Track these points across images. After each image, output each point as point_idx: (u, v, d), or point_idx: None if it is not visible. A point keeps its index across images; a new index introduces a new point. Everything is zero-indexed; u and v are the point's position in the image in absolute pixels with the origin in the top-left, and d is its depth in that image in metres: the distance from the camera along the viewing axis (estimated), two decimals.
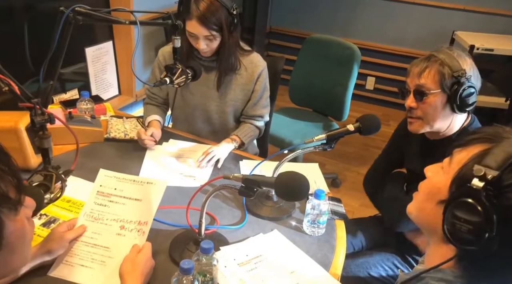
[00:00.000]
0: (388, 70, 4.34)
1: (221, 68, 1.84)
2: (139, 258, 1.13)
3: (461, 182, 0.78)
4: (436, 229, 0.83)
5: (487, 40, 3.65)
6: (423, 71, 1.40)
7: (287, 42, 4.65)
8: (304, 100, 3.03)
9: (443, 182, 0.83)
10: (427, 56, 1.42)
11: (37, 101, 1.00)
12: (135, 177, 1.26)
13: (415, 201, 0.93)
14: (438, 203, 0.83)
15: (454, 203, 0.76)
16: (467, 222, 0.73)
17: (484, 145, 0.80)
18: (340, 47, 2.80)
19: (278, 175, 1.06)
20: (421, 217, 0.89)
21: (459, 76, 1.35)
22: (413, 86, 1.44)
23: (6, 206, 0.68)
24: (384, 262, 1.62)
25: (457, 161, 0.83)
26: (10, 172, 0.71)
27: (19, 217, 0.72)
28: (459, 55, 1.39)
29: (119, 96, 2.72)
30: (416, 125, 1.49)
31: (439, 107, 1.41)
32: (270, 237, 1.39)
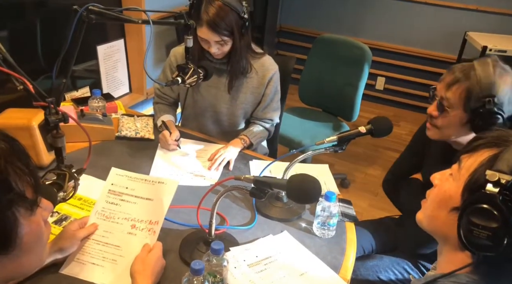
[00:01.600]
0: (399, 71, 4.31)
1: (232, 71, 1.83)
2: (150, 258, 1.13)
3: (474, 188, 0.78)
4: (450, 236, 0.82)
5: (500, 41, 3.62)
6: (453, 85, 1.33)
7: (297, 41, 4.64)
8: (313, 99, 3.02)
9: (454, 189, 0.83)
10: (468, 65, 1.33)
11: (51, 100, 1.01)
12: (146, 176, 1.27)
13: (425, 209, 0.92)
14: (451, 211, 0.82)
15: (470, 210, 0.75)
16: (485, 229, 0.72)
17: (492, 150, 0.80)
18: (351, 47, 2.79)
19: (290, 177, 1.06)
20: (434, 226, 0.89)
21: (486, 101, 1.27)
22: (439, 96, 1.38)
23: (23, 206, 0.69)
24: (394, 267, 1.60)
25: (466, 167, 0.82)
26: (29, 173, 0.71)
27: (35, 218, 0.73)
28: (501, 74, 1.28)
29: (130, 94, 2.73)
30: (433, 133, 1.45)
31: (457, 124, 1.36)
32: (280, 238, 1.39)
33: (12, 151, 0.71)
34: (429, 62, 4.22)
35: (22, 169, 0.70)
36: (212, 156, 1.74)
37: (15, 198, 0.68)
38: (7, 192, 0.67)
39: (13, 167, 0.69)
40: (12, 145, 0.72)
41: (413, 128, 4.29)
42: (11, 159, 0.70)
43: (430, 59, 4.20)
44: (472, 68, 1.31)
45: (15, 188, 0.68)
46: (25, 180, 0.70)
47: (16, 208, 0.68)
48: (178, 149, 1.80)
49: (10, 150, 0.71)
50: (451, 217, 0.81)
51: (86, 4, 1.44)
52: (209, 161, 1.73)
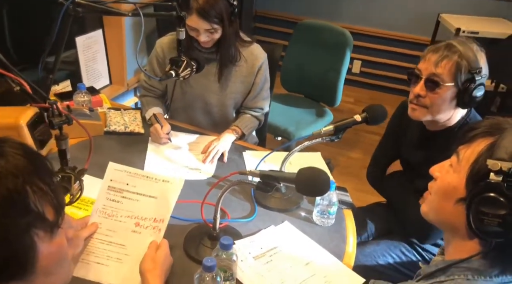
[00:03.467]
0: (374, 54, 4.35)
1: (222, 60, 1.81)
2: (159, 256, 1.12)
3: (477, 178, 0.80)
4: (458, 226, 0.84)
5: (472, 22, 3.70)
6: (441, 60, 1.38)
7: (273, 25, 4.61)
8: (295, 85, 3.03)
9: (456, 181, 0.85)
10: (446, 44, 1.40)
11: (53, 101, 0.97)
12: (148, 173, 1.24)
13: (430, 202, 0.94)
14: (457, 202, 0.84)
15: (477, 200, 0.77)
16: (495, 216, 0.75)
17: (487, 139, 0.82)
18: (332, 33, 2.80)
19: (298, 171, 1.06)
20: (441, 218, 0.90)
21: (475, 73, 1.35)
22: (427, 74, 1.42)
23: (42, 228, 0.66)
24: (391, 250, 1.64)
25: (466, 158, 0.84)
26: (50, 191, 0.68)
27: (56, 239, 0.69)
28: (478, 50, 1.38)
29: (110, 85, 2.66)
30: (419, 113, 1.49)
31: (447, 100, 1.42)
32: (281, 229, 1.40)
33: (32, 168, 0.67)
34: (404, 44, 4.28)
35: (42, 188, 0.66)
36: (205, 148, 1.73)
37: (33, 221, 0.64)
38: (25, 215, 0.63)
39: (32, 187, 0.65)
40: (32, 161, 0.68)
41: (390, 110, 4.28)
42: (30, 177, 0.65)
43: (405, 41, 4.27)
44: (453, 45, 1.39)
45: (34, 209, 0.64)
46: (46, 199, 0.66)
47: (34, 231, 0.65)
48: (170, 143, 1.78)
49: (29, 167, 0.66)
50: (458, 208, 0.83)
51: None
52: (202, 153, 1.72)
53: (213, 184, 1.56)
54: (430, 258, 1.64)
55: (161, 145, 1.76)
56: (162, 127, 1.75)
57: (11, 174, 0.63)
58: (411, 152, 1.67)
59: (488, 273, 0.80)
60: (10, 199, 0.62)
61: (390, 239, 1.70)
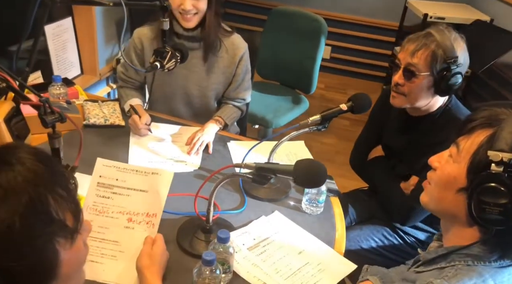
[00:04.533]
0: (344, 39, 4.39)
1: (205, 45, 1.79)
2: (156, 251, 1.12)
3: (478, 169, 0.82)
4: (458, 215, 0.87)
5: (438, 8, 3.79)
6: (417, 50, 1.42)
7: (242, 11, 4.56)
8: (271, 73, 3.02)
9: (456, 171, 0.87)
10: (425, 33, 1.44)
11: (46, 99, 0.93)
12: (137, 167, 1.22)
13: (429, 192, 0.96)
14: (457, 191, 0.87)
15: (479, 190, 0.80)
16: (497, 205, 0.78)
17: (487, 130, 0.85)
18: (306, 20, 2.80)
19: (296, 163, 1.07)
20: (441, 207, 0.93)
21: (450, 62, 1.39)
22: (405, 64, 1.46)
23: (63, 236, 0.64)
24: (374, 234, 1.69)
25: (466, 149, 0.87)
26: (69, 198, 0.66)
27: (75, 245, 0.67)
28: (455, 38, 1.42)
29: (82, 75, 2.57)
30: (399, 100, 1.54)
31: (424, 88, 1.46)
32: (272, 219, 1.42)
33: (50, 175, 0.65)
34: (373, 29, 4.34)
35: (61, 194, 0.64)
36: (190, 140, 1.71)
37: (56, 229, 0.63)
38: (48, 224, 0.62)
39: (52, 194, 0.63)
40: (49, 167, 0.65)
41: None
42: (51, 185, 0.63)
43: (374, 27, 4.32)
44: (430, 35, 1.43)
45: (56, 217, 0.62)
46: (65, 206, 0.64)
47: (56, 239, 0.63)
48: (151, 134, 1.74)
49: (48, 174, 0.64)
50: (459, 197, 0.86)
51: None
52: (187, 145, 1.70)
53: (203, 176, 1.57)
54: (411, 240, 1.70)
55: (143, 138, 1.73)
56: (141, 117, 1.71)
57: (32, 182, 0.61)
58: (393, 137, 1.71)
59: (487, 259, 0.83)
60: (33, 208, 0.60)
61: (373, 224, 1.74)
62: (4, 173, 0.60)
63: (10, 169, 0.61)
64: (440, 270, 0.86)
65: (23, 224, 0.58)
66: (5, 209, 0.57)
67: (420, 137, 1.60)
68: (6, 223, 0.57)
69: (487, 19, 3.64)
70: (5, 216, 0.57)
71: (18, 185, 0.60)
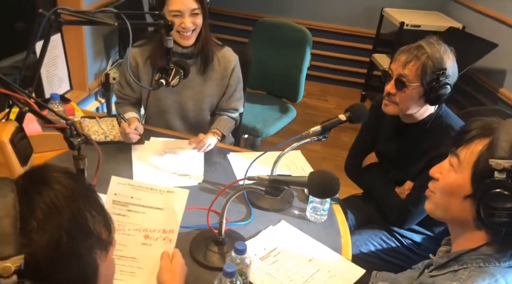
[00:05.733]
0: (323, 47, 4.49)
1: (203, 58, 1.84)
2: (175, 266, 1.14)
3: (482, 177, 0.88)
4: (466, 220, 0.93)
5: (413, 16, 3.94)
6: (409, 62, 1.50)
7: (225, 22, 4.60)
8: (258, 83, 3.07)
9: (461, 180, 0.93)
10: (416, 46, 1.52)
11: (72, 122, 0.95)
12: (152, 185, 1.25)
13: (434, 201, 1.01)
14: (464, 199, 0.93)
15: (486, 196, 0.86)
16: (505, 209, 0.85)
17: (483, 140, 0.91)
18: (292, 31, 2.87)
19: (309, 174, 1.12)
20: (449, 214, 0.98)
21: (439, 74, 1.48)
22: (396, 74, 1.54)
23: (99, 248, 0.68)
24: (372, 239, 1.76)
25: (466, 159, 0.93)
26: (101, 212, 0.69)
27: (109, 257, 0.71)
28: (445, 51, 1.51)
29: (71, 91, 2.56)
30: (391, 108, 1.62)
31: (415, 98, 1.55)
32: (280, 229, 1.46)
33: (83, 191, 0.68)
34: (351, 38, 4.47)
35: (96, 209, 0.68)
36: (196, 140, 1.75)
37: (94, 242, 0.67)
38: (88, 238, 0.66)
39: (89, 209, 0.67)
40: (81, 184, 0.69)
41: (340, 101, 4.55)
42: (86, 201, 0.67)
43: (352, 35, 4.45)
44: (422, 47, 1.51)
45: (93, 231, 0.66)
46: (99, 220, 0.68)
47: (95, 252, 0.67)
48: (151, 149, 1.77)
49: (82, 191, 0.68)
50: (465, 204, 0.92)
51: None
52: (191, 144, 1.76)
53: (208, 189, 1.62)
54: (408, 243, 1.77)
55: (145, 153, 1.75)
56: (130, 124, 1.73)
57: (70, 199, 0.65)
58: (387, 144, 1.79)
59: (497, 259, 0.90)
60: (76, 223, 0.64)
61: (371, 228, 1.81)
62: (45, 192, 0.63)
63: (49, 188, 0.64)
64: (454, 273, 0.92)
65: (69, 238, 0.62)
66: (53, 225, 0.61)
67: (413, 143, 1.68)
68: (55, 239, 0.60)
69: (459, 26, 3.81)
70: (53, 232, 0.61)
71: (60, 202, 0.63)
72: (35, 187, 0.63)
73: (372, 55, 4.32)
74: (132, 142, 1.74)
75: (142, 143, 1.78)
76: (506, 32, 3.25)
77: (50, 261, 0.60)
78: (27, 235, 0.59)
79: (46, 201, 0.62)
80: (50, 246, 0.60)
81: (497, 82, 3.32)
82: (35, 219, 0.60)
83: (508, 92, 3.18)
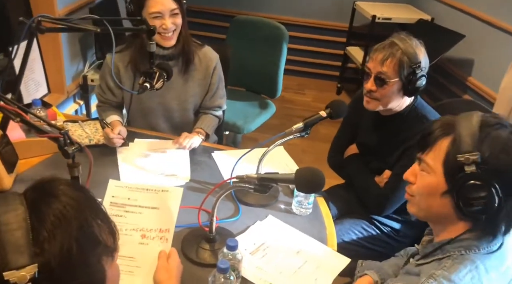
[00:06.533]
0: (298, 42, 4.55)
1: (184, 58, 1.86)
2: (172, 265, 1.18)
3: (454, 173, 0.95)
4: (448, 214, 1.00)
5: (384, 9, 4.03)
6: (386, 59, 1.58)
7: (200, 19, 4.59)
8: (236, 79, 3.10)
9: (435, 180, 0.99)
10: (389, 43, 1.59)
11: (66, 131, 0.98)
12: (147, 185, 1.29)
13: (415, 203, 1.07)
14: (442, 195, 0.99)
15: (463, 190, 0.93)
16: (481, 198, 0.92)
17: (446, 138, 0.98)
18: (268, 28, 2.92)
19: (296, 171, 1.17)
20: (431, 213, 1.04)
21: (415, 67, 1.56)
22: (375, 73, 1.62)
23: (105, 255, 0.71)
24: (354, 228, 1.83)
25: (435, 159, 0.99)
26: (105, 219, 0.73)
27: (114, 262, 0.75)
28: (417, 45, 1.59)
29: (49, 94, 2.54)
30: (373, 105, 1.70)
31: (395, 92, 1.63)
32: (267, 223, 1.51)
33: (88, 201, 0.72)
34: (325, 31, 4.54)
35: (101, 218, 0.72)
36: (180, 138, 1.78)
37: (101, 250, 0.70)
38: (96, 246, 0.69)
39: (95, 219, 0.70)
40: (86, 194, 0.73)
41: (317, 94, 4.63)
42: (92, 210, 0.71)
43: (325, 29, 4.53)
44: (395, 44, 1.60)
45: (100, 239, 0.70)
46: (104, 228, 0.72)
47: (103, 259, 0.70)
48: (136, 150, 1.79)
49: (87, 201, 0.71)
50: (444, 200, 0.99)
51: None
52: (174, 144, 1.79)
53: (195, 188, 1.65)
54: (387, 230, 1.86)
55: (130, 155, 1.77)
56: (113, 129, 1.75)
57: (78, 210, 0.68)
58: (367, 136, 1.87)
59: (477, 247, 0.96)
60: (84, 232, 0.67)
61: (351, 218, 1.89)
62: (54, 205, 0.67)
63: (57, 200, 0.67)
64: (438, 261, 0.99)
65: (78, 247, 0.65)
66: (63, 235, 0.64)
67: (391, 134, 1.77)
68: (66, 248, 0.64)
69: (428, 18, 3.93)
70: (64, 241, 0.64)
71: (68, 213, 0.66)
72: (44, 199, 0.66)
73: (346, 48, 4.41)
74: (116, 146, 1.76)
75: (127, 145, 1.80)
76: (473, 23, 3.38)
77: (62, 269, 0.63)
78: (39, 245, 0.62)
79: (55, 212, 0.65)
80: (62, 255, 0.63)
81: (465, 71, 3.46)
82: (45, 230, 0.63)
83: (476, 80, 3.31)
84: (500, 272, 0.97)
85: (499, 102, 2.72)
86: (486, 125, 0.94)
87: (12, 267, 0.59)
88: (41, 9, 2.41)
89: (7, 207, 0.63)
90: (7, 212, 0.62)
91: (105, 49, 2.75)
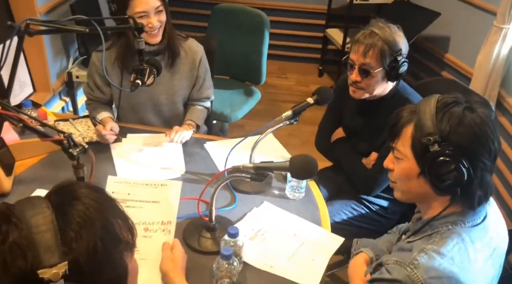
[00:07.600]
0: (278, 26, 4.56)
1: (170, 52, 1.89)
2: (177, 255, 1.24)
3: (422, 154, 1.03)
4: (427, 193, 1.08)
5: None
6: (367, 51, 1.63)
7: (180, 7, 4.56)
8: (220, 68, 3.12)
9: (408, 165, 1.08)
10: (369, 33, 1.64)
11: (69, 134, 1.01)
12: (146, 180, 1.33)
13: (399, 188, 1.16)
14: (418, 177, 1.07)
15: (433, 168, 1.02)
16: (451, 172, 1.00)
17: (410, 125, 1.07)
18: (249, 16, 2.94)
19: (291, 159, 1.23)
20: (414, 194, 1.13)
21: (397, 55, 1.62)
22: (359, 64, 1.67)
23: (126, 250, 0.77)
24: (344, 208, 1.92)
25: (404, 147, 1.08)
26: (124, 217, 0.78)
27: (133, 257, 0.81)
28: (395, 31, 1.65)
29: (35, 93, 2.54)
30: (359, 94, 1.76)
31: (379, 80, 1.69)
32: (263, 209, 1.58)
33: (107, 201, 0.77)
34: (304, 14, 4.57)
35: (120, 216, 0.77)
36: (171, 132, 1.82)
37: (123, 246, 0.75)
38: (119, 243, 0.74)
39: (115, 218, 0.75)
40: (104, 194, 0.78)
41: (299, 77, 4.68)
42: (111, 210, 0.76)
43: (304, 12, 4.55)
44: (375, 33, 1.65)
45: (121, 236, 0.75)
46: (123, 225, 0.77)
47: (124, 254, 0.76)
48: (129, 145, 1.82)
49: (106, 201, 0.76)
50: (421, 181, 1.07)
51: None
52: (167, 136, 1.83)
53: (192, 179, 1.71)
54: (376, 208, 1.94)
55: (124, 151, 1.80)
56: (105, 125, 1.78)
57: (99, 210, 0.73)
58: (352, 119, 1.94)
59: (462, 221, 1.04)
60: (107, 231, 0.72)
61: (341, 199, 1.97)
62: (77, 206, 0.72)
63: (80, 202, 0.72)
64: (428, 237, 1.06)
65: (103, 245, 0.70)
66: (88, 235, 0.69)
67: (376, 117, 1.83)
68: (92, 246, 0.69)
69: None
70: (89, 240, 0.69)
71: (91, 214, 0.71)
72: (68, 202, 0.71)
73: (325, 30, 4.46)
74: (109, 142, 1.79)
75: (120, 141, 1.84)
76: (447, 1, 3.46)
77: (89, 265, 0.68)
78: (67, 244, 0.67)
79: (80, 214, 0.70)
80: (88, 253, 0.68)
81: (442, 48, 3.54)
82: (72, 230, 0.68)
83: (453, 57, 3.40)
84: (484, 243, 1.05)
85: (475, 77, 2.82)
86: (442, 105, 1.03)
87: (46, 265, 0.64)
88: (20, 6, 2.38)
89: (35, 210, 0.67)
90: (35, 215, 0.67)
91: (88, 45, 2.75)
